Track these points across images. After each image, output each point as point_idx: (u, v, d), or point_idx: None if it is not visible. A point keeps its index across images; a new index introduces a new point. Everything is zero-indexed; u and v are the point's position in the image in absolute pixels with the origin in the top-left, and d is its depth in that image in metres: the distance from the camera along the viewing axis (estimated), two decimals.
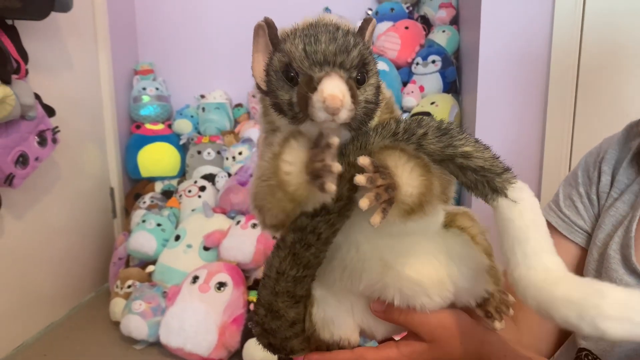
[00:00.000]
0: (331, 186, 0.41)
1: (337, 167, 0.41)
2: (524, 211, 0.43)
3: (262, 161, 0.48)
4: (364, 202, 0.41)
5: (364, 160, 0.42)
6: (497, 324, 0.54)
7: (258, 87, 0.50)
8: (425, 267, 0.50)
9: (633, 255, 0.60)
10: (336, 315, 0.54)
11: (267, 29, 0.47)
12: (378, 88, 0.48)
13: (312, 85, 0.43)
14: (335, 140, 0.42)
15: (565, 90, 1.53)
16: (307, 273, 0.51)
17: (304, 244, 0.49)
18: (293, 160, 0.45)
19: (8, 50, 1.53)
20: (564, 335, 0.71)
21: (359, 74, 0.45)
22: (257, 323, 0.55)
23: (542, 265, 0.41)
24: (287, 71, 0.45)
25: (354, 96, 0.43)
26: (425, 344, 0.53)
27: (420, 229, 0.51)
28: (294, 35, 0.45)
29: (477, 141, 0.45)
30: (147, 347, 1.78)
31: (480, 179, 0.44)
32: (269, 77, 0.47)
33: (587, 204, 0.70)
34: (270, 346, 0.56)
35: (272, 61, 0.47)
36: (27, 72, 1.64)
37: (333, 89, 0.41)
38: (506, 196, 0.43)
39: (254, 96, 2.25)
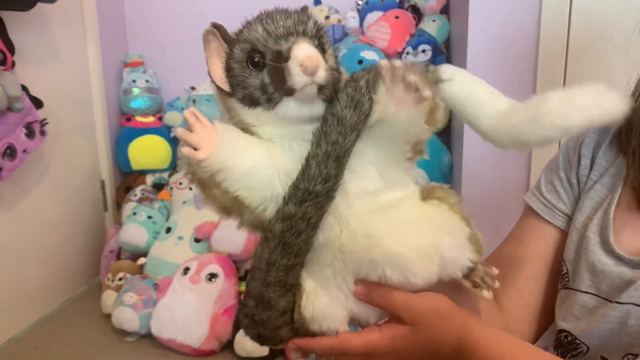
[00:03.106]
0: None
1: None
2: (460, 81, 0.51)
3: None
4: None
5: (383, 62, 0.45)
6: (486, 293, 0.56)
7: (220, 90, 0.50)
8: (411, 239, 0.51)
9: (611, 237, 0.60)
10: (326, 307, 0.54)
11: (217, 31, 0.49)
12: (337, 57, 0.51)
13: (282, 57, 0.45)
14: None
15: (553, 79, 1.53)
16: (298, 261, 0.51)
17: (294, 231, 0.48)
18: None
19: None
20: (549, 320, 0.72)
21: (319, 43, 0.47)
22: (245, 315, 0.55)
23: (494, 110, 0.50)
24: (252, 57, 0.46)
25: (324, 60, 0.45)
26: (407, 327, 0.53)
27: (401, 198, 0.52)
28: (249, 25, 0.47)
29: None
30: (138, 339, 1.78)
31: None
32: (231, 73, 0.48)
33: (568, 187, 0.70)
34: (259, 337, 0.56)
35: (232, 56, 0.48)
36: (13, 63, 1.62)
37: (307, 51, 0.44)
38: (442, 80, 0.50)
39: None
